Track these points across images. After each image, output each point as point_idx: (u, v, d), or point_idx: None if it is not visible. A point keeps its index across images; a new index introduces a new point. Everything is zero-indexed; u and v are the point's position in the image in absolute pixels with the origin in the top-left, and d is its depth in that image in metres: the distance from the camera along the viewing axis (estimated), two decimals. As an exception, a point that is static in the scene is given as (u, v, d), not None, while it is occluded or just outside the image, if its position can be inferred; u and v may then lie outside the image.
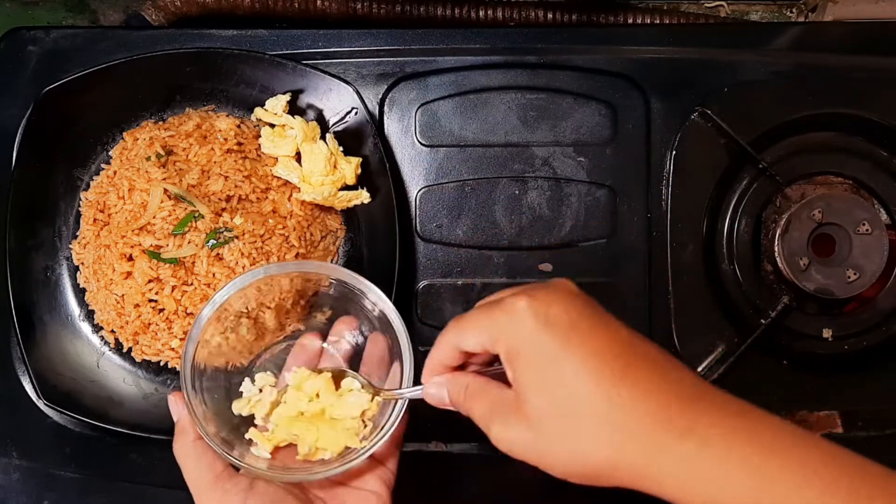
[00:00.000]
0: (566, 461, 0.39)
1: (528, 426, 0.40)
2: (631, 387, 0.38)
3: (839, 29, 0.73)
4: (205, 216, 0.62)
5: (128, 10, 0.80)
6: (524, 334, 0.40)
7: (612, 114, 0.68)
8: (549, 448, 0.39)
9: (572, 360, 0.39)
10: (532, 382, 0.39)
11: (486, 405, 0.42)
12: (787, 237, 0.66)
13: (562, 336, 0.39)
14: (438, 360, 0.46)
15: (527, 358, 0.40)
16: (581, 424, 0.38)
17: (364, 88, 0.67)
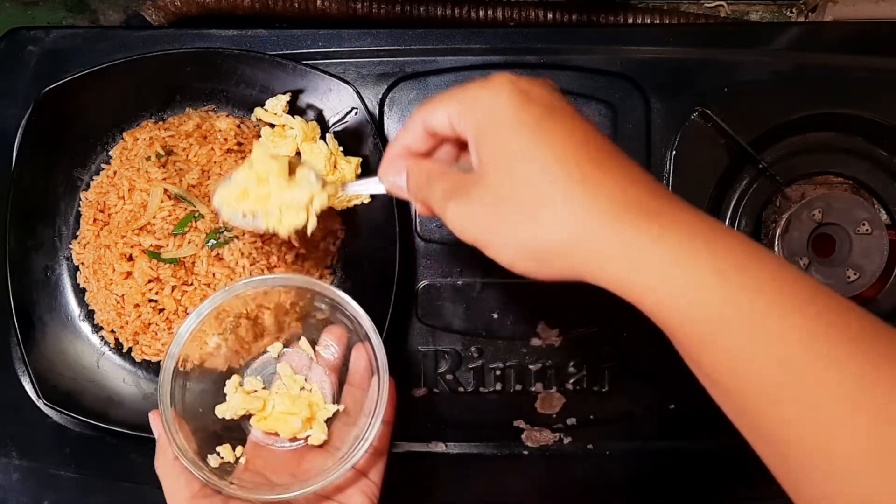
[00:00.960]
0: (520, 241, 0.37)
1: (486, 200, 0.37)
2: (601, 173, 0.36)
3: (839, 29, 0.73)
4: (205, 216, 0.62)
5: (128, 10, 0.80)
6: (499, 106, 0.37)
7: (612, 114, 0.68)
8: (503, 226, 0.37)
9: (547, 137, 0.36)
10: (499, 156, 0.37)
11: (446, 185, 0.40)
12: (787, 237, 0.66)
13: (538, 114, 0.37)
14: (403, 143, 0.43)
15: (497, 130, 0.37)
16: (544, 201, 0.36)
17: (364, 88, 0.67)
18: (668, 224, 0.35)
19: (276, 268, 0.63)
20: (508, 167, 0.37)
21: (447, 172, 0.41)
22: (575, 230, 0.35)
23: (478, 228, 0.38)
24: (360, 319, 0.52)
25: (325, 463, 0.52)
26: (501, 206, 0.37)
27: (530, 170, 0.36)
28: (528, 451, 0.67)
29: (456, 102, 0.39)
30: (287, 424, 0.53)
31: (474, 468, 0.67)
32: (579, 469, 0.67)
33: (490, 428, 0.67)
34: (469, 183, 0.39)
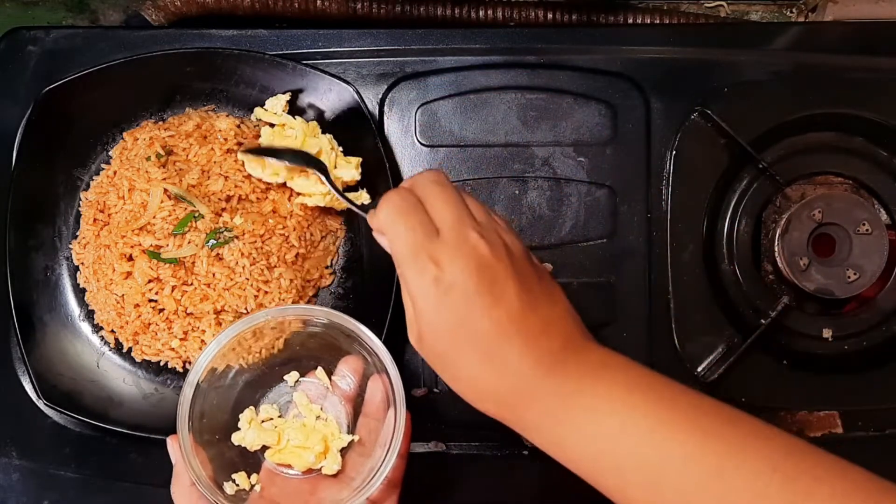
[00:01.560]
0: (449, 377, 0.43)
1: (419, 336, 0.43)
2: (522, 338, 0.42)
3: (839, 29, 0.73)
4: (205, 216, 0.62)
5: (128, 10, 0.80)
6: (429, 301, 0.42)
7: (612, 114, 0.68)
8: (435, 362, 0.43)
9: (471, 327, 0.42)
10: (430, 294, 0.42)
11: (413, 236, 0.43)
12: (787, 237, 0.66)
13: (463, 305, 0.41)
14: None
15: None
16: (468, 338, 0.41)
17: (364, 88, 0.67)
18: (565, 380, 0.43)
19: (276, 268, 0.63)
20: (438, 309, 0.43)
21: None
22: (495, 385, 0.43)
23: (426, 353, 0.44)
24: (377, 351, 0.52)
25: (339, 493, 0.52)
26: (434, 345, 0.43)
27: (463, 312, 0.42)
28: (528, 451, 0.67)
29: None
30: (301, 458, 0.53)
31: (474, 468, 0.67)
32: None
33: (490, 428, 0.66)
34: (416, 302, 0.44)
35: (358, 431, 0.55)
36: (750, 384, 0.66)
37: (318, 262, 0.66)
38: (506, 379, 0.42)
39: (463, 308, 0.41)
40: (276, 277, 0.63)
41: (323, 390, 0.58)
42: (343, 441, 0.54)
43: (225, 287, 0.62)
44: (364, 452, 0.54)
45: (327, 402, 0.57)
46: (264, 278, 0.62)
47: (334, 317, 0.53)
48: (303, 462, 0.53)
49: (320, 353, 0.58)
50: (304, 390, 0.58)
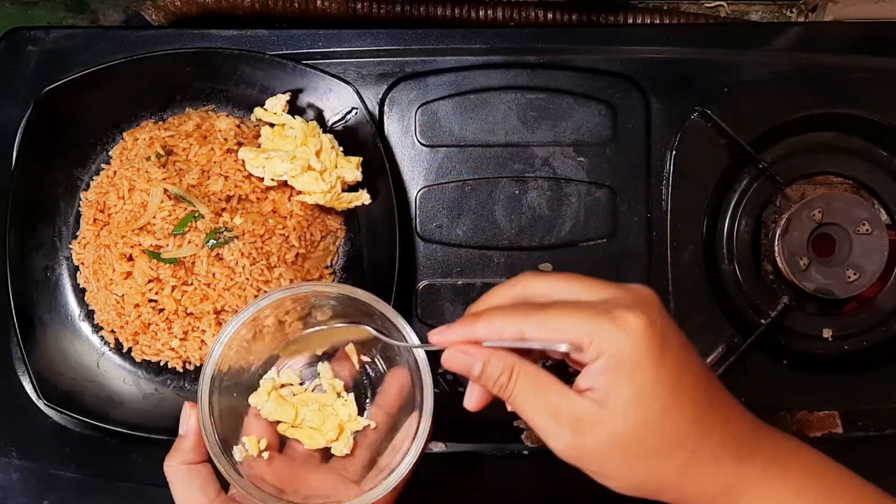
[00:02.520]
0: (637, 476, 0.40)
1: (612, 439, 0.39)
2: (711, 420, 0.41)
3: (839, 29, 0.73)
4: (205, 216, 0.62)
5: (128, 10, 0.80)
6: (634, 355, 0.38)
7: (612, 114, 0.68)
8: (625, 462, 0.40)
9: (683, 391, 0.40)
10: (632, 407, 0.39)
11: (543, 403, 0.40)
12: (787, 237, 0.66)
13: (675, 365, 0.39)
14: (479, 333, 0.41)
15: (631, 379, 0.39)
16: (671, 451, 0.40)
17: (364, 88, 0.67)
18: (766, 462, 0.42)
19: (276, 268, 0.63)
20: (640, 420, 0.39)
21: (545, 385, 0.41)
22: (691, 474, 0.40)
23: (591, 460, 0.41)
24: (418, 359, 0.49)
25: (334, 485, 0.51)
26: (624, 451, 0.40)
27: (661, 423, 0.39)
28: (528, 451, 0.67)
29: (581, 330, 0.39)
30: (312, 438, 0.52)
31: (474, 468, 0.67)
32: (579, 469, 0.66)
33: (490, 428, 0.67)
34: (583, 410, 0.40)
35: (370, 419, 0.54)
36: (750, 384, 0.66)
37: (318, 262, 0.66)
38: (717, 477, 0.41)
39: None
40: (276, 277, 0.63)
41: (349, 369, 0.56)
42: (358, 425, 0.53)
43: (225, 287, 0.62)
44: (367, 445, 0.53)
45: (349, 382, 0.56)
46: (264, 278, 0.62)
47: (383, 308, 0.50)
48: (314, 442, 0.52)
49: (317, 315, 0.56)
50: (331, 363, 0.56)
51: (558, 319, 0.39)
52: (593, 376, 0.39)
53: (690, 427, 0.40)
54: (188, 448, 0.48)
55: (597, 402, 0.39)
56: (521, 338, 0.40)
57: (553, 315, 0.40)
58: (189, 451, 0.48)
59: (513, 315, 0.41)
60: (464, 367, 0.42)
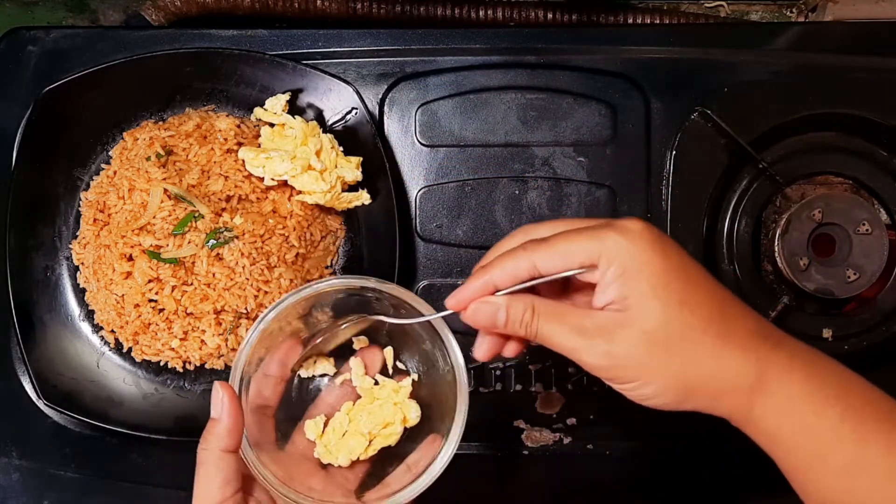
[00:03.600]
0: (670, 375, 0.41)
1: (636, 339, 0.41)
2: (734, 313, 0.42)
3: (839, 29, 0.73)
4: (205, 216, 0.62)
5: (128, 10, 0.80)
6: (640, 253, 0.41)
7: (612, 114, 0.68)
8: (654, 362, 0.41)
9: (693, 284, 0.41)
10: (650, 299, 0.40)
11: (570, 326, 0.42)
12: (787, 237, 0.66)
13: (679, 264, 0.42)
14: (495, 279, 0.43)
15: (642, 275, 0.41)
16: (697, 339, 0.41)
17: (364, 88, 0.67)
18: (792, 354, 0.42)
19: (276, 268, 0.63)
20: (660, 309, 0.41)
21: (563, 311, 0.43)
22: (724, 359, 0.41)
23: (626, 364, 0.41)
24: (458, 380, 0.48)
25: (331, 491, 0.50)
26: (653, 345, 0.41)
27: (682, 312, 0.41)
28: (528, 451, 0.67)
29: (586, 246, 0.41)
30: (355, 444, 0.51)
31: (474, 468, 0.67)
32: (579, 469, 0.67)
33: (490, 428, 0.67)
34: (608, 321, 0.41)
35: None
36: (750, 384, 0.66)
37: (318, 262, 0.66)
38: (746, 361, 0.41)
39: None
40: (276, 277, 0.63)
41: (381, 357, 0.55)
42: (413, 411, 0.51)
43: (225, 287, 0.62)
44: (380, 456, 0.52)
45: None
46: (264, 278, 0.62)
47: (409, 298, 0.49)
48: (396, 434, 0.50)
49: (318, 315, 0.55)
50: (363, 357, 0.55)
51: (565, 244, 0.42)
52: (607, 288, 0.41)
53: (710, 314, 0.41)
54: (223, 432, 0.44)
55: (617, 309, 0.41)
56: (534, 272, 0.43)
57: (559, 242, 0.42)
58: (225, 436, 0.44)
59: (521, 252, 0.43)
60: (489, 317, 0.44)
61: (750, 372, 0.41)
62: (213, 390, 0.45)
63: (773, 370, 0.41)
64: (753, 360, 0.41)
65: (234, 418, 0.45)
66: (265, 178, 0.64)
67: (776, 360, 0.42)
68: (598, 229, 0.42)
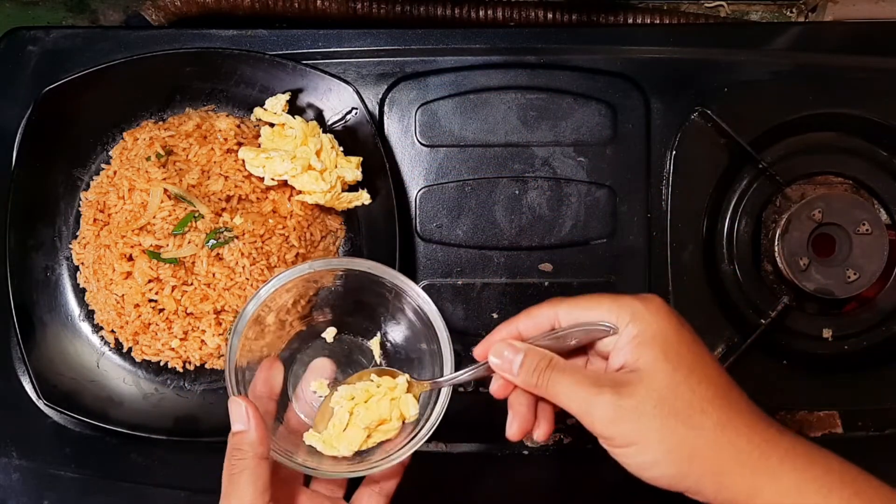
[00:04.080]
0: (671, 442, 0.41)
1: (646, 400, 0.41)
2: (737, 397, 0.43)
3: (839, 29, 0.73)
4: (205, 216, 0.62)
5: (128, 10, 0.80)
6: (656, 321, 0.43)
7: (612, 114, 0.68)
8: (659, 425, 0.41)
9: (703, 358, 0.43)
10: (661, 363, 0.42)
11: (581, 377, 0.44)
12: (787, 237, 0.66)
13: (691, 338, 0.44)
14: (517, 328, 0.46)
15: (656, 341, 0.42)
16: (703, 409, 0.41)
17: (364, 88, 0.67)
18: (792, 437, 0.42)
19: (276, 268, 0.63)
20: (670, 374, 0.42)
21: (577, 367, 0.46)
22: (722, 436, 0.41)
23: (631, 421, 0.42)
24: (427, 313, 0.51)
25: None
26: (661, 405, 0.41)
27: (690, 381, 0.42)
28: (528, 451, 0.67)
29: (612, 310, 0.44)
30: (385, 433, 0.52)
31: (474, 468, 0.67)
32: (579, 469, 0.67)
33: (490, 428, 0.67)
34: (625, 381, 0.42)
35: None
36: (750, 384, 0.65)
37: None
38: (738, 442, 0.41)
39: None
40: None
41: (362, 346, 0.57)
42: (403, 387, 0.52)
43: (225, 287, 0.62)
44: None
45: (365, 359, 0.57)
46: (264, 278, 0.62)
47: (379, 270, 0.51)
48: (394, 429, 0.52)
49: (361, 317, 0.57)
50: (344, 344, 0.56)
51: (587, 302, 0.45)
52: (622, 349, 0.43)
53: (717, 388, 0.42)
54: (256, 441, 0.45)
55: (630, 370, 0.43)
56: (555, 322, 0.46)
57: (583, 299, 0.45)
58: (258, 444, 0.45)
59: (547, 304, 0.46)
60: (507, 360, 0.46)
61: (754, 450, 0.41)
62: (233, 404, 0.46)
63: (778, 452, 0.41)
64: (758, 439, 0.41)
65: (261, 427, 0.46)
66: (265, 178, 0.64)
67: (781, 442, 0.41)
68: (621, 296, 0.44)
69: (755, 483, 0.41)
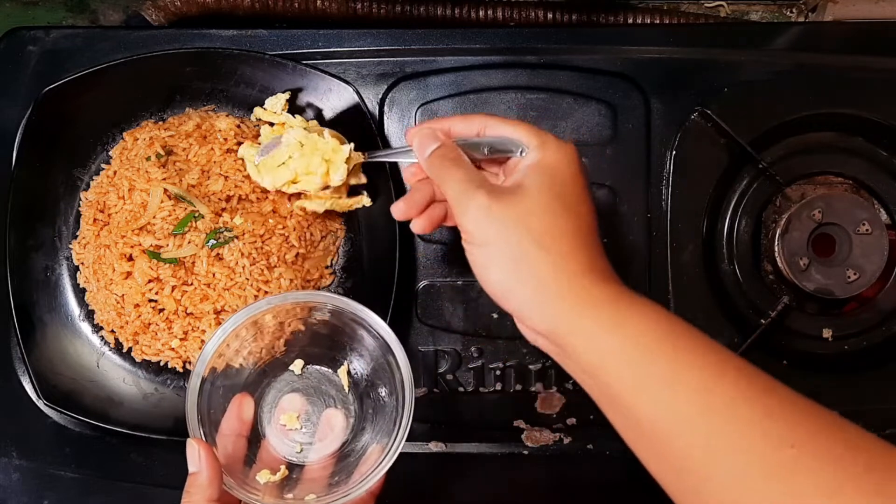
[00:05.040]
0: (513, 250, 0.44)
1: (517, 208, 0.45)
2: (589, 252, 0.46)
3: (839, 29, 0.73)
4: (205, 216, 0.62)
5: (128, 10, 0.80)
6: (563, 162, 0.47)
7: (612, 114, 0.68)
8: (519, 232, 0.44)
9: (577, 207, 0.46)
10: (544, 193, 0.45)
11: (470, 177, 0.47)
12: (787, 237, 0.66)
13: (582, 187, 0.48)
14: (449, 125, 0.51)
15: (549, 175, 0.46)
16: (543, 241, 0.44)
17: (364, 88, 0.67)
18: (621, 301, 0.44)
19: (276, 267, 0.63)
20: (545, 202, 0.45)
21: (477, 171, 0.49)
22: (561, 267, 0.44)
23: (490, 227, 0.45)
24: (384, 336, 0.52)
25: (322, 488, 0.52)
26: (521, 222, 0.44)
27: (560, 213, 0.45)
28: (529, 451, 0.67)
29: (531, 134, 0.48)
30: (312, 183, 0.59)
31: (474, 468, 0.67)
32: (579, 469, 0.67)
33: (490, 428, 0.67)
34: (504, 191, 0.46)
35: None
36: (750, 384, 0.66)
37: (318, 262, 0.66)
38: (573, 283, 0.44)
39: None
40: (276, 277, 0.63)
41: (330, 376, 0.58)
42: (343, 153, 0.59)
43: (225, 287, 0.62)
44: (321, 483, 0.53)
45: (333, 389, 0.57)
46: (264, 278, 0.62)
47: (338, 301, 0.52)
48: (313, 185, 0.59)
49: (326, 347, 0.58)
50: (312, 376, 0.58)
51: (515, 124, 0.49)
52: (518, 170, 0.48)
53: (580, 230, 0.45)
54: (205, 483, 0.47)
55: (517, 184, 0.46)
56: (483, 131, 0.50)
57: (512, 122, 0.50)
58: (207, 486, 0.47)
59: (481, 115, 0.51)
60: (425, 144, 0.50)
61: (587, 290, 0.43)
62: (188, 446, 0.48)
63: (612, 302, 0.43)
64: (596, 286, 0.44)
65: (212, 469, 0.47)
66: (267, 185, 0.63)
67: (621, 296, 0.44)
68: (543, 130, 0.49)
69: (576, 321, 0.43)
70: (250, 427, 0.54)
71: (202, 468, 0.47)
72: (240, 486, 0.48)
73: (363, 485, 0.49)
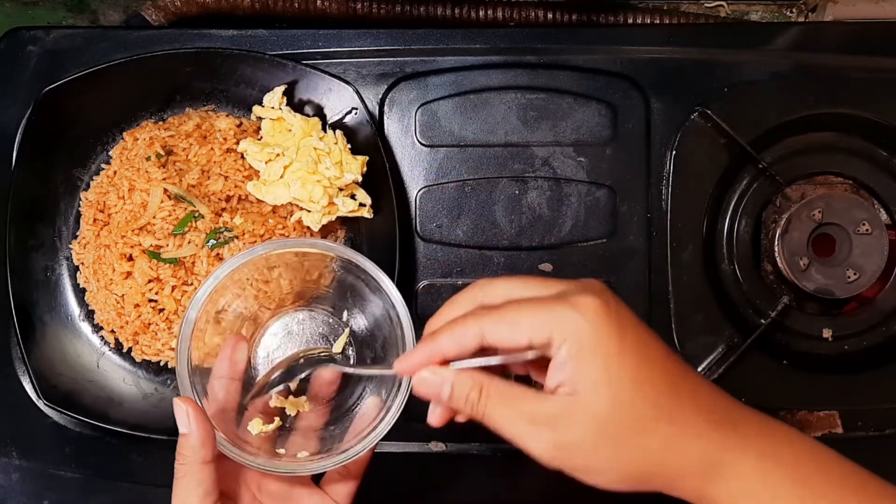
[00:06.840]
0: (624, 462, 0.39)
1: (587, 426, 0.39)
2: (689, 396, 0.40)
3: (839, 29, 0.73)
4: (205, 216, 0.62)
5: (128, 10, 0.80)
6: (595, 332, 0.39)
7: (612, 114, 0.68)
8: (606, 449, 0.39)
9: (647, 364, 0.39)
10: (602, 385, 0.39)
11: (519, 412, 0.40)
12: (787, 237, 0.66)
13: (634, 342, 0.39)
14: (444, 348, 0.41)
15: (597, 355, 0.39)
16: (649, 426, 0.39)
17: (364, 88, 0.67)
18: (746, 435, 0.41)
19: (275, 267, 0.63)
20: (612, 396, 0.39)
21: (512, 394, 0.41)
22: (676, 449, 0.39)
23: (575, 455, 0.40)
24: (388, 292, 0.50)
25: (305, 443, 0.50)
26: (603, 434, 0.39)
27: (636, 397, 0.39)
28: (528, 451, 0.66)
29: (540, 323, 0.39)
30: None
31: (474, 468, 0.67)
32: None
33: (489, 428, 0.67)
34: (562, 413, 0.39)
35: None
36: (750, 384, 0.66)
37: (317, 262, 0.66)
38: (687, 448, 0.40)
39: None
40: (275, 277, 0.63)
41: (329, 324, 0.57)
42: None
43: (225, 287, 0.62)
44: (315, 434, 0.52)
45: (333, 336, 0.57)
46: (264, 278, 0.62)
47: (340, 251, 0.50)
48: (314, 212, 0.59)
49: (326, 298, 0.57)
50: (310, 321, 0.57)
51: (514, 313, 0.40)
52: (560, 368, 0.39)
53: (665, 399, 0.39)
54: (198, 444, 0.44)
55: (568, 393, 0.39)
56: (482, 342, 0.40)
57: (509, 311, 0.40)
58: (200, 447, 0.44)
59: (471, 319, 0.41)
60: (433, 390, 0.42)
61: (704, 460, 0.39)
62: (175, 406, 0.45)
63: (728, 456, 0.40)
64: (705, 442, 0.40)
65: (204, 429, 0.44)
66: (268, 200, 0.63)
67: (730, 444, 0.40)
68: (552, 303, 0.40)
69: (705, 486, 0.40)
70: (244, 371, 0.51)
71: (192, 429, 0.44)
72: (232, 442, 0.46)
73: (356, 448, 0.47)
